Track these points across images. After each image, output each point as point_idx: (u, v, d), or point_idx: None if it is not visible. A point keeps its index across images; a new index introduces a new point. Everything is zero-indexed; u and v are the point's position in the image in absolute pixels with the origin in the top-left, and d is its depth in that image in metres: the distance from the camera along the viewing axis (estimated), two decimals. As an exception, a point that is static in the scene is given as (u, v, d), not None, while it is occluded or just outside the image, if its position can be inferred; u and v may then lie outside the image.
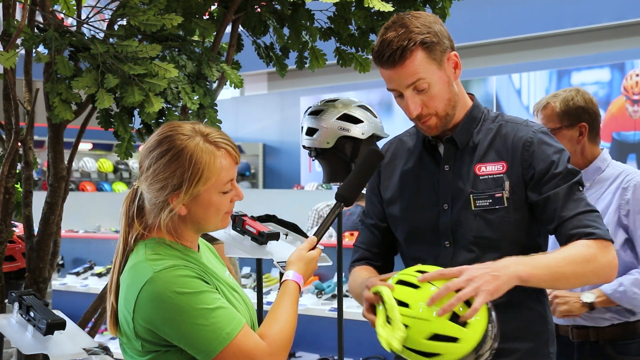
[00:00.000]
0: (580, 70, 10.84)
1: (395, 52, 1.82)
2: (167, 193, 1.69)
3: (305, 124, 3.01)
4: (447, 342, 1.63)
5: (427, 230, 1.93)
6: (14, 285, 3.11)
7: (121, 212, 1.78)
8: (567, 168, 1.87)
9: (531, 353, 1.90)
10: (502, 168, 1.89)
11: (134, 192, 1.78)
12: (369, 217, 2.08)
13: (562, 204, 1.83)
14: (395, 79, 1.86)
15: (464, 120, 1.95)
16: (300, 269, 1.83)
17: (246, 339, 1.65)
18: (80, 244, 6.76)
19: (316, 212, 6.80)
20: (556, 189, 1.84)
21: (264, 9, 3.14)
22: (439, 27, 1.88)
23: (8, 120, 2.90)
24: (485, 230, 1.87)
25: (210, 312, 1.63)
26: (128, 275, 1.70)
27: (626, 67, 10.43)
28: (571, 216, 1.82)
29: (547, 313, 1.98)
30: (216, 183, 1.71)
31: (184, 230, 1.75)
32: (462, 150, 1.93)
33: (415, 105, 1.87)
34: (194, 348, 1.63)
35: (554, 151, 1.89)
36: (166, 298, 1.62)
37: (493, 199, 1.87)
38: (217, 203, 1.73)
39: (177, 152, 1.69)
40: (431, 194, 1.94)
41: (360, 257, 2.09)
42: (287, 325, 1.72)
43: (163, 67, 2.56)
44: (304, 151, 3.09)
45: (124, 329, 1.71)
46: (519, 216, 1.88)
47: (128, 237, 1.75)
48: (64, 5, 3.15)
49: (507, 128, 1.94)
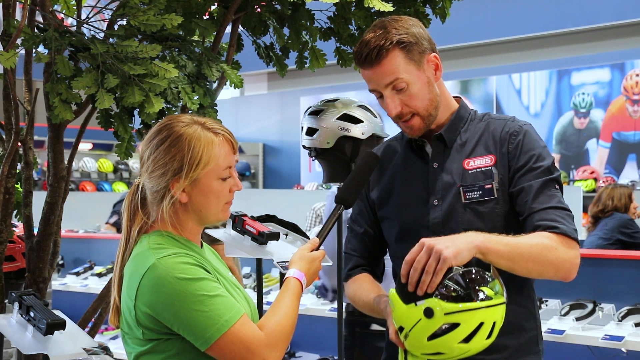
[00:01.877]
0: (580, 70, 10.84)
1: (372, 52, 1.87)
2: (167, 178, 1.73)
3: (305, 124, 3.01)
4: (447, 333, 1.65)
5: (418, 227, 1.96)
6: (14, 285, 3.11)
7: (124, 207, 1.81)
8: (547, 164, 1.91)
9: (521, 349, 1.93)
10: (490, 161, 1.92)
11: (135, 187, 1.81)
12: (358, 224, 2.11)
13: (533, 196, 1.86)
14: (374, 78, 1.91)
15: (452, 119, 1.98)
16: (303, 267, 1.85)
17: (244, 327, 1.66)
18: (80, 244, 6.76)
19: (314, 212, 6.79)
20: (531, 182, 1.87)
21: (264, 9, 3.14)
22: (417, 30, 1.92)
23: (8, 120, 2.90)
24: (475, 222, 1.89)
25: (209, 299, 1.64)
26: (131, 264, 1.73)
27: (626, 67, 10.43)
28: (540, 209, 1.84)
29: (536, 310, 2.01)
30: (215, 168, 1.75)
31: (186, 220, 1.78)
32: (450, 148, 1.97)
33: (395, 105, 1.91)
34: (192, 334, 1.64)
35: (536, 146, 1.92)
36: (166, 283, 1.64)
37: (483, 191, 1.90)
38: (217, 190, 1.76)
39: (176, 138, 1.74)
40: (421, 191, 1.97)
41: (355, 265, 2.12)
42: (286, 318, 1.73)
43: (163, 67, 2.56)
44: (304, 151, 3.09)
45: (126, 318, 1.73)
46: (507, 207, 1.91)
47: (130, 230, 1.78)
48: (64, 5, 3.15)
49: (495, 124, 1.98)
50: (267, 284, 5.23)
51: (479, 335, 1.66)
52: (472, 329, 1.64)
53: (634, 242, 5.55)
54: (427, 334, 1.66)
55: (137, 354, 1.73)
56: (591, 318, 4.02)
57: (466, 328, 1.64)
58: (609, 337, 3.80)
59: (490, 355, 1.86)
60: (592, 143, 10.77)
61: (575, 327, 3.96)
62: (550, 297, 4.35)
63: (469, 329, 1.64)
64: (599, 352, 4.04)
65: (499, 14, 11.47)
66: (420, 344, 1.68)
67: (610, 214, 5.74)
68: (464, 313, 1.63)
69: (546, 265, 1.79)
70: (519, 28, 11.40)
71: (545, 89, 11.13)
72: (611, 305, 4.14)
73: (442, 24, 3.23)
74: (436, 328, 1.65)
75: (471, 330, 1.64)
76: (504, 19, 11.44)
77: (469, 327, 1.64)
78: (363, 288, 2.02)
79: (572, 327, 3.96)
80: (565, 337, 3.89)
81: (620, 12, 10.61)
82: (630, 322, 3.93)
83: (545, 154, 1.92)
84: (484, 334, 1.66)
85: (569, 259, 1.81)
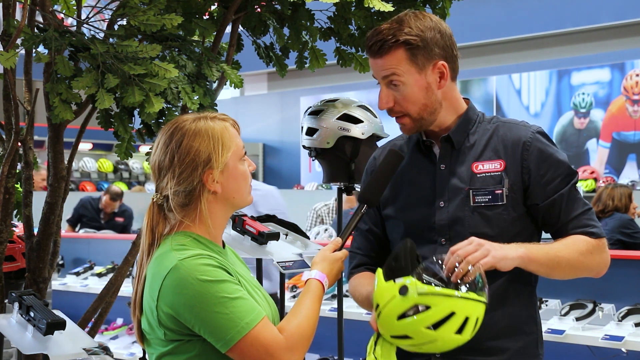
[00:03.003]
0: (580, 70, 10.85)
1: (376, 43, 1.89)
2: (199, 172, 1.73)
3: (305, 124, 3.01)
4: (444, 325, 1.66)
5: (423, 228, 1.95)
6: (14, 285, 3.11)
7: (144, 231, 1.79)
8: (566, 168, 1.92)
9: (521, 353, 1.92)
10: (500, 166, 1.91)
11: (152, 206, 1.79)
12: (363, 222, 2.10)
13: (565, 207, 1.90)
14: (375, 68, 1.94)
15: (460, 121, 1.97)
16: (325, 269, 1.84)
17: (264, 330, 1.66)
18: (80, 244, 6.76)
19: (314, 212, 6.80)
20: (560, 192, 1.89)
21: (264, 9, 3.14)
22: (433, 34, 1.89)
23: (8, 120, 2.90)
24: (483, 226, 1.89)
25: (230, 301, 1.64)
26: (153, 265, 1.73)
27: (626, 67, 10.43)
28: (572, 218, 1.90)
29: (537, 314, 2.00)
30: (236, 150, 1.78)
31: (217, 213, 1.78)
32: (458, 150, 1.95)
33: (387, 99, 1.92)
34: (213, 336, 1.65)
35: (553, 152, 1.93)
36: (188, 284, 1.64)
37: (493, 195, 1.90)
38: (243, 171, 1.80)
39: (193, 133, 1.75)
40: (427, 192, 1.96)
41: (359, 264, 2.11)
42: (306, 321, 1.73)
43: (163, 67, 2.56)
44: (304, 151, 3.09)
45: (148, 318, 1.73)
46: (516, 214, 1.90)
47: (153, 242, 1.77)
48: (64, 5, 3.15)
49: (504, 128, 1.96)
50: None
51: (448, 325, 1.65)
52: (441, 315, 1.65)
53: (634, 242, 5.55)
54: (398, 313, 1.67)
55: (159, 354, 1.73)
56: (591, 318, 4.02)
57: (436, 313, 1.65)
58: (609, 337, 3.80)
59: (490, 357, 1.87)
60: (592, 143, 10.78)
61: (575, 327, 3.96)
62: (550, 297, 4.35)
63: (439, 315, 1.65)
64: (599, 352, 4.04)
65: (499, 14, 11.48)
66: (391, 323, 1.69)
67: (610, 214, 5.74)
68: (436, 297, 1.65)
69: (582, 270, 1.90)
70: (519, 28, 11.40)
71: (545, 89, 11.13)
72: (611, 305, 4.14)
73: (442, 24, 3.23)
74: (407, 307, 1.66)
75: (441, 317, 1.65)
76: (504, 19, 11.44)
77: (439, 313, 1.65)
78: (363, 284, 2.01)
79: (572, 327, 3.96)
80: (565, 337, 3.89)
81: (620, 12, 10.61)
82: (630, 322, 3.93)
83: (562, 155, 1.94)
84: (454, 325, 1.66)
85: (603, 260, 1.91)
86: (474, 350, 1.83)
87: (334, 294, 4.66)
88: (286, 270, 2.65)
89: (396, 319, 1.68)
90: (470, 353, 1.83)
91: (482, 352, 1.86)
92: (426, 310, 1.65)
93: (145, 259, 1.77)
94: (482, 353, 1.86)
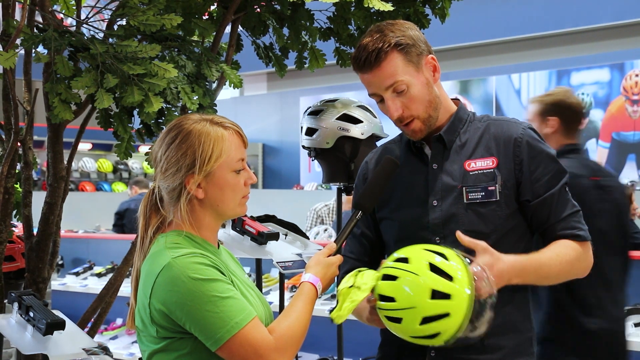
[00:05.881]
0: (580, 70, 10.85)
1: (370, 55, 1.88)
2: (182, 175, 1.75)
3: (305, 124, 3.01)
4: (440, 320, 1.68)
5: (417, 228, 1.95)
6: (14, 285, 3.11)
7: (139, 211, 1.83)
8: (557, 166, 1.94)
9: (516, 350, 1.93)
10: (492, 163, 1.92)
11: (151, 191, 1.83)
12: (357, 227, 2.10)
13: (555, 207, 1.92)
14: (374, 82, 1.91)
15: (451, 120, 1.98)
16: (318, 272, 1.84)
17: (254, 330, 1.67)
18: (79, 244, 6.76)
19: (315, 212, 6.79)
20: (551, 191, 1.91)
21: (264, 9, 3.14)
22: (413, 32, 1.94)
23: (7, 120, 2.90)
24: (477, 224, 1.90)
25: (220, 300, 1.65)
26: (147, 263, 1.75)
27: (626, 67, 10.44)
28: (561, 219, 1.92)
29: (531, 312, 2.01)
30: (227, 160, 1.77)
31: (203, 217, 1.79)
32: (449, 149, 1.97)
33: (396, 107, 1.91)
34: (203, 334, 1.66)
35: (544, 148, 1.95)
36: (180, 282, 1.66)
37: (486, 192, 1.91)
38: (232, 183, 1.78)
39: (186, 134, 1.76)
40: (420, 192, 1.97)
41: (351, 268, 2.09)
42: (297, 323, 1.74)
43: (162, 67, 2.56)
44: (304, 151, 3.09)
45: (141, 315, 1.75)
46: (509, 211, 1.91)
47: (146, 231, 1.80)
48: (64, 5, 3.15)
49: (496, 125, 1.98)
50: (266, 284, 5.23)
51: (438, 304, 1.68)
52: (400, 286, 1.71)
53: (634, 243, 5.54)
54: (376, 278, 1.77)
55: (151, 352, 1.75)
56: (591, 318, 4.01)
57: (399, 283, 1.72)
58: (609, 337, 3.79)
59: (484, 355, 1.88)
60: (592, 143, 10.78)
61: (575, 327, 3.95)
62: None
63: (399, 286, 1.71)
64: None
65: (499, 14, 11.48)
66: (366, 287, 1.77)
67: (610, 214, 5.73)
68: (401, 271, 1.73)
69: (570, 275, 1.95)
70: (519, 28, 11.41)
71: (545, 89, 11.12)
72: (611, 306, 4.13)
73: (441, 24, 3.24)
74: (379, 275, 1.77)
75: (399, 289, 1.71)
76: (504, 19, 11.45)
77: (400, 284, 1.71)
78: None
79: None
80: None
81: (620, 12, 10.62)
82: (630, 322, 3.92)
83: (552, 152, 1.96)
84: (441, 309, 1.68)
85: (587, 264, 1.97)
86: (469, 348, 1.84)
87: (334, 294, 4.66)
88: (286, 270, 2.65)
89: (428, 269, 1.71)
90: (465, 350, 1.84)
91: (477, 350, 1.86)
92: (392, 279, 1.73)
93: (139, 258, 1.80)
94: (477, 351, 1.86)
